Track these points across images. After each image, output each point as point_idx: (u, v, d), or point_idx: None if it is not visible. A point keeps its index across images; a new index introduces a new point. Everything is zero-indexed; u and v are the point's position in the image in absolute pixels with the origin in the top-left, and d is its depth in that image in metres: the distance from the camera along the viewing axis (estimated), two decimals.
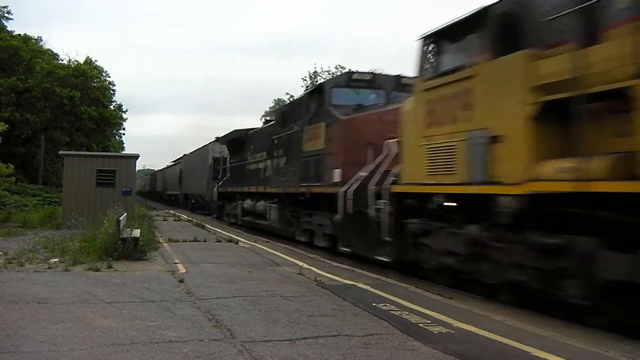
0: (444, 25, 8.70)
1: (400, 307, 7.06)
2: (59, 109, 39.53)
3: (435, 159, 8.57)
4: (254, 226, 20.29)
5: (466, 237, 7.97)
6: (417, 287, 8.76)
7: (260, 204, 19.15)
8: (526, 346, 5.33)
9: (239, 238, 16.51)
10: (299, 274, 9.68)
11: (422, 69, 9.26)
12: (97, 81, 43.45)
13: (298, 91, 57.70)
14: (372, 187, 10.50)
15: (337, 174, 12.53)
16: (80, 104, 40.00)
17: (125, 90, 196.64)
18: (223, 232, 19.17)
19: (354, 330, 5.82)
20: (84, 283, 8.17)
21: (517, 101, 6.95)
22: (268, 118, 26.48)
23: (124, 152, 46.78)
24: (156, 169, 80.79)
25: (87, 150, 37.43)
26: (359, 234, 11.34)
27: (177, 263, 10.64)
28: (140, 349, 4.90)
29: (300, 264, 10.95)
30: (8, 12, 42.95)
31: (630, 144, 5.62)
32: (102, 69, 46.08)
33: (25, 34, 41.80)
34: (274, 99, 62.78)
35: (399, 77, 13.85)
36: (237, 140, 23.77)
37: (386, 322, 6.20)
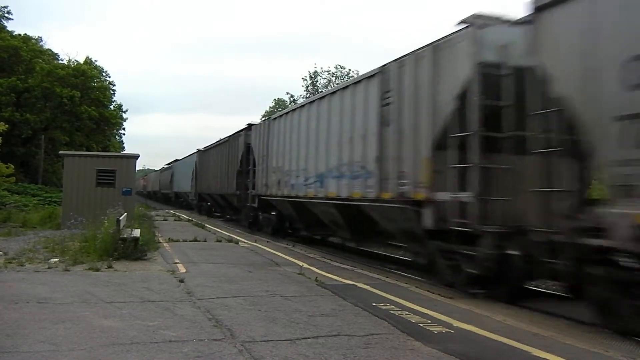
0: None
1: (400, 307, 7.06)
2: (59, 109, 39.55)
3: None
4: None
5: None
6: (417, 287, 8.77)
7: None
8: (526, 346, 5.33)
9: (239, 238, 16.51)
10: (299, 273, 9.68)
11: None
12: (97, 81, 43.48)
13: (298, 91, 57.65)
14: None
15: None
16: (80, 103, 40.02)
17: (125, 90, 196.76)
18: (223, 232, 19.17)
19: (354, 330, 5.82)
20: (84, 283, 8.17)
21: None
22: None
23: (124, 152, 46.80)
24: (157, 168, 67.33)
25: (87, 150, 37.44)
26: None
27: (177, 263, 10.64)
28: (140, 349, 4.91)
29: (301, 263, 10.96)
30: (8, 12, 43.05)
31: None
32: (102, 69, 46.23)
33: (25, 34, 41.92)
34: (274, 99, 62.92)
35: None
36: None
37: (386, 322, 6.20)
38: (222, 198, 26.18)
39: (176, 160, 45.70)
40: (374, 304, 7.16)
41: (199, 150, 33.48)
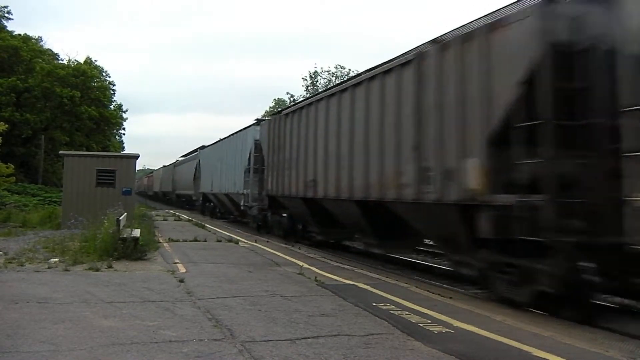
0: None
1: (400, 306, 7.06)
2: (59, 109, 39.56)
3: None
4: None
5: None
6: (417, 287, 8.77)
7: None
8: (526, 346, 5.33)
9: (239, 238, 16.51)
10: (299, 273, 9.68)
11: None
12: (97, 81, 43.51)
13: (298, 91, 57.57)
14: None
15: None
16: (80, 103, 40.03)
17: (125, 89, 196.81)
18: (223, 232, 19.17)
19: (354, 330, 5.82)
20: (84, 283, 8.18)
21: None
22: None
23: (124, 152, 46.78)
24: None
25: (87, 150, 37.43)
26: None
27: (177, 263, 10.65)
28: (140, 349, 4.90)
29: (301, 263, 10.95)
30: (8, 12, 43.10)
31: None
32: (102, 69, 46.28)
33: (25, 34, 41.97)
34: (274, 99, 62.86)
35: None
36: None
37: (386, 322, 6.20)
38: (367, 212, 11.56)
39: (203, 147, 33.01)
40: (374, 304, 7.16)
41: (260, 120, 20.76)
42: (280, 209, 17.37)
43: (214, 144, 29.64)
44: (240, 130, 23.37)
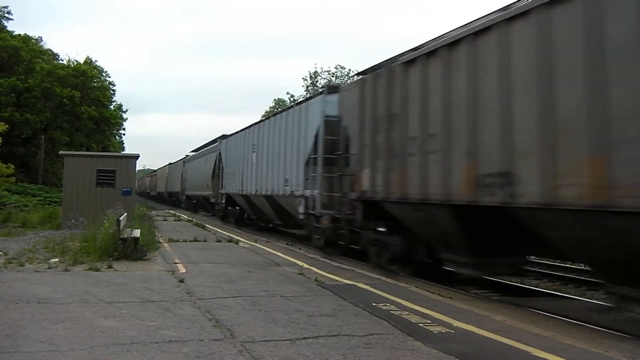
0: None
1: (400, 307, 7.07)
2: (59, 109, 39.54)
3: None
4: None
5: None
6: (417, 287, 8.77)
7: None
8: (526, 346, 5.33)
9: (239, 238, 16.52)
10: (299, 274, 9.69)
11: None
12: (97, 81, 43.49)
13: (299, 91, 57.46)
14: None
15: None
16: (80, 104, 40.02)
17: (125, 89, 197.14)
18: (223, 232, 19.17)
19: (354, 330, 5.82)
20: (84, 283, 8.18)
21: None
22: None
23: (124, 152, 46.75)
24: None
25: (87, 150, 37.40)
26: None
27: (177, 263, 10.65)
28: (140, 349, 4.91)
29: (301, 264, 10.96)
30: (8, 12, 43.10)
31: None
32: (102, 69, 46.25)
33: (25, 34, 41.93)
34: (274, 99, 62.83)
35: None
36: None
37: (386, 322, 6.20)
38: None
39: (224, 137, 26.32)
40: (374, 304, 7.16)
41: (333, 86, 16.77)
42: (375, 222, 11.08)
43: (243, 130, 22.51)
44: (295, 105, 17.18)
